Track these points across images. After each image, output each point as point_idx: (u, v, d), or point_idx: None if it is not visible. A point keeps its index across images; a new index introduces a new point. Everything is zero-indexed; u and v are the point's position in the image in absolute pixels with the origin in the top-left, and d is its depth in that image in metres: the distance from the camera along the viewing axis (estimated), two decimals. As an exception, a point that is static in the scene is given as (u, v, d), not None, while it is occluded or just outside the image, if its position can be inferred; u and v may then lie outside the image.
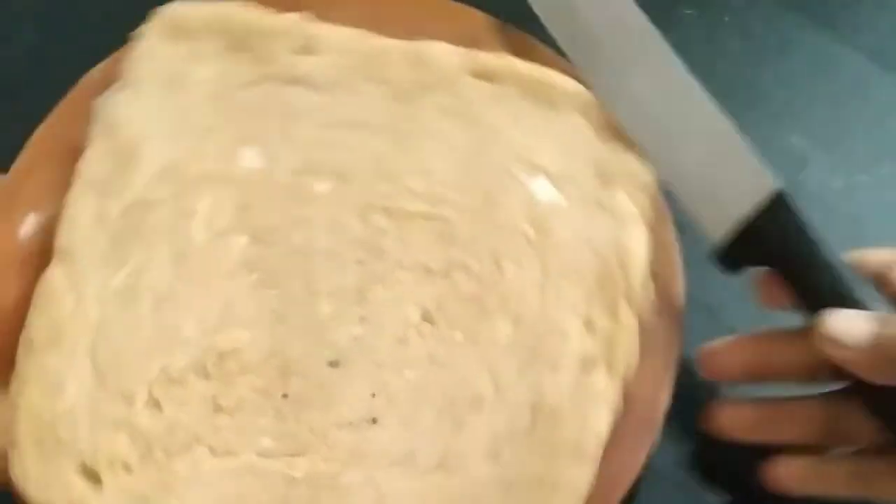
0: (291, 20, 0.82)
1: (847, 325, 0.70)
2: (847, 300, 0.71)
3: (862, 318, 0.70)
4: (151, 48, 0.80)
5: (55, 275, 0.75)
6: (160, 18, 0.81)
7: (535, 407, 0.75)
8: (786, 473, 0.75)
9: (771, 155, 0.76)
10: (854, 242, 0.78)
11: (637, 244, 0.79)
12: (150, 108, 0.79)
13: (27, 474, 0.71)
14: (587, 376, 0.75)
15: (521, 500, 0.73)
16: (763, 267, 0.75)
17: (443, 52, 0.82)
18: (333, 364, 0.76)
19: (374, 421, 0.74)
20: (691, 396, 0.79)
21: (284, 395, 0.74)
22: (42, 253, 0.77)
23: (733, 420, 0.77)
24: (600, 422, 0.75)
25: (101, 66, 0.82)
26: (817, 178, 0.90)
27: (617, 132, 0.81)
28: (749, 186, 0.75)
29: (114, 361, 0.74)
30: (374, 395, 0.75)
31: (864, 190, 0.90)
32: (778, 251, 0.74)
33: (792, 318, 0.75)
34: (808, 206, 0.77)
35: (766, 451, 0.76)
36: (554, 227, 0.79)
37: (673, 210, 0.80)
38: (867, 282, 0.73)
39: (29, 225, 0.78)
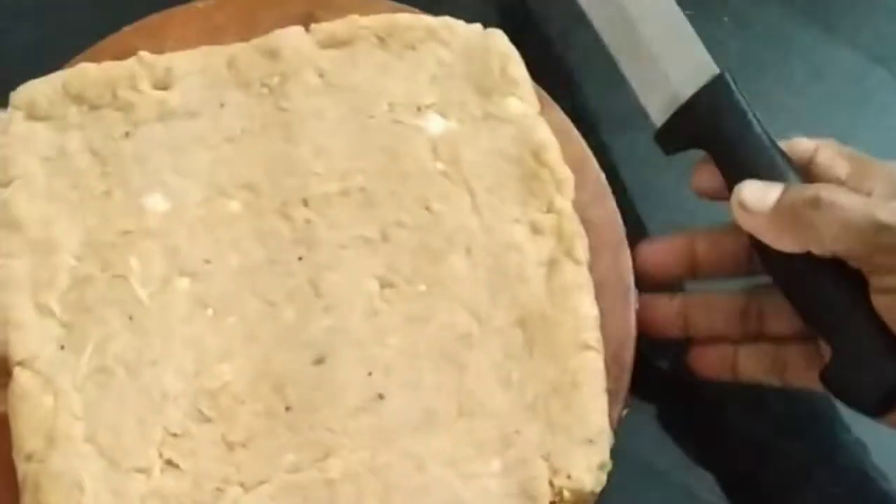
0: (138, 60, 0.81)
1: (754, 193, 0.74)
2: (770, 178, 0.75)
3: (768, 187, 0.73)
4: (21, 135, 0.79)
5: (23, 382, 0.74)
6: (18, 103, 0.80)
7: (522, 322, 0.77)
8: (706, 360, 0.80)
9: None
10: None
11: (545, 134, 0.81)
12: (42, 192, 0.78)
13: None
14: (556, 273, 0.78)
15: (550, 413, 0.75)
16: (700, 150, 0.78)
17: (290, 36, 0.83)
18: (319, 361, 0.76)
19: (381, 397, 0.75)
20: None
21: (287, 409, 0.74)
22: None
23: (665, 314, 0.81)
24: (587, 306, 0.77)
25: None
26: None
27: (479, 50, 0.83)
28: (690, 71, 0.79)
29: (116, 441, 0.73)
30: (370, 374, 0.76)
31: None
32: (712, 131, 0.78)
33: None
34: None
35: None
36: (461, 153, 0.81)
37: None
38: (794, 166, 0.75)
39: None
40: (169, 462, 0.73)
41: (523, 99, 0.83)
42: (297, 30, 0.83)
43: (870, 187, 0.72)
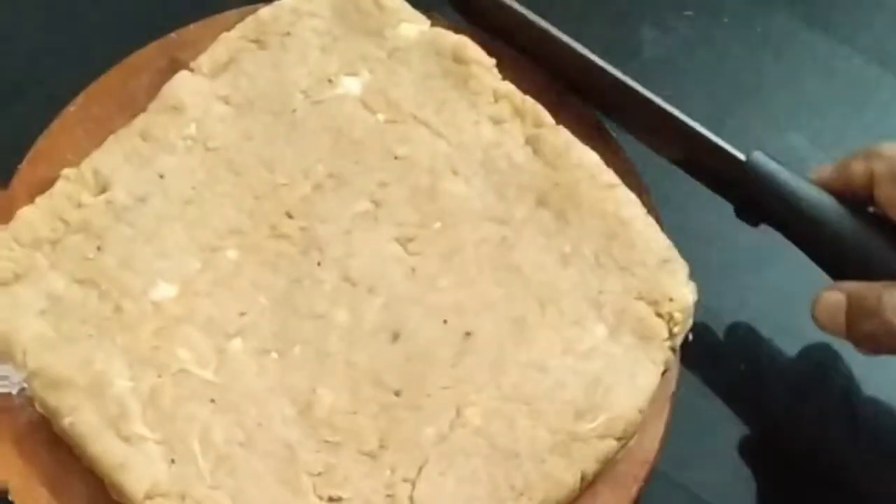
0: (65, 180, 0.79)
1: (826, 318, 0.74)
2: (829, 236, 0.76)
3: (833, 300, 0.74)
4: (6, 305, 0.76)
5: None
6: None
7: (542, 201, 0.80)
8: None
9: (770, 155, 0.76)
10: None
11: (451, 36, 0.85)
12: (59, 342, 0.75)
13: None
14: (541, 145, 0.81)
15: (617, 258, 0.78)
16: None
17: (181, 84, 0.83)
18: (395, 337, 0.76)
19: (469, 334, 0.76)
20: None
21: (397, 393, 0.74)
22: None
23: None
24: (586, 153, 0.81)
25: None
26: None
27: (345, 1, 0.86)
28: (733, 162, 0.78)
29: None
30: (445, 322, 0.76)
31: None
32: (767, 211, 0.78)
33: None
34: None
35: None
36: (391, 96, 0.83)
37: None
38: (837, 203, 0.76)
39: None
40: (332, 499, 0.72)
41: (412, 20, 0.84)
42: (183, 74, 0.82)
43: None
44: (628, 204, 0.79)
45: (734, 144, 0.78)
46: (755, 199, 0.78)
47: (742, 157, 0.78)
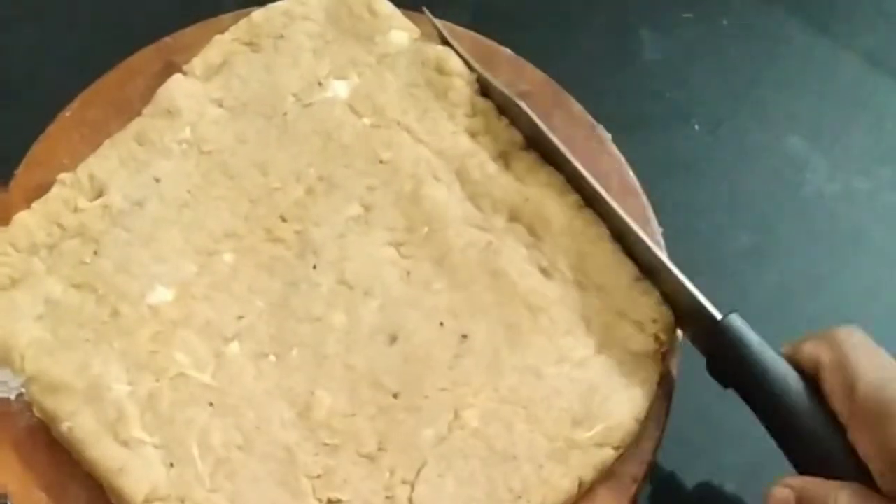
0: (61, 185, 0.79)
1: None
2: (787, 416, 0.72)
3: (781, 497, 0.70)
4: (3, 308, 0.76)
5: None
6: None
7: (515, 216, 0.81)
8: None
9: (769, 157, 0.74)
10: (852, 246, 0.83)
11: (437, 48, 0.85)
12: (57, 346, 0.75)
13: None
14: (512, 161, 0.83)
15: (593, 277, 0.78)
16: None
17: (175, 87, 0.83)
18: (393, 340, 0.76)
19: (465, 337, 0.77)
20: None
21: (395, 395, 0.75)
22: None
23: None
24: (554, 175, 0.82)
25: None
26: (816, 181, 0.90)
27: (339, 5, 0.86)
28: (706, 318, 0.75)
29: None
30: (442, 324, 0.77)
31: (862, 193, 0.90)
32: (735, 374, 0.75)
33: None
34: (806, 209, 0.80)
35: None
36: (377, 101, 0.85)
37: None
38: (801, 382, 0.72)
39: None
40: (331, 501, 0.72)
41: (402, 28, 0.85)
42: (177, 77, 0.83)
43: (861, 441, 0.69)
44: (595, 224, 0.79)
45: (734, 146, 0.77)
46: (725, 358, 0.75)
47: (718, 315, 0.74)
